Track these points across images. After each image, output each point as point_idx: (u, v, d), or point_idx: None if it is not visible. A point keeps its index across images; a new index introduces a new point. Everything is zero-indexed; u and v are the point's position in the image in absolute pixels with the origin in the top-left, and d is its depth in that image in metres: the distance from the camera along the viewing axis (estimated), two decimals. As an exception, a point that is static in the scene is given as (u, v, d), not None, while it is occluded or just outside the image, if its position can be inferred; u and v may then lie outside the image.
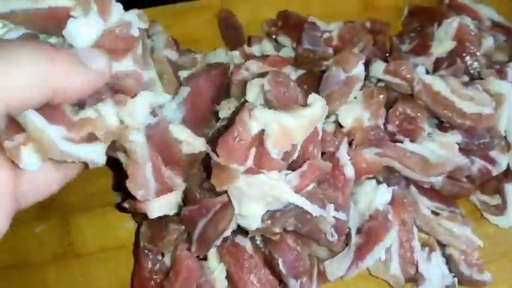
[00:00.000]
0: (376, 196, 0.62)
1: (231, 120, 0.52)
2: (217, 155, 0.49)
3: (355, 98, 0.64)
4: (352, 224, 0.61)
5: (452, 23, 0.70)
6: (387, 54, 0.75)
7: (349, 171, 0.59)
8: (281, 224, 0.53)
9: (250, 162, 0.50)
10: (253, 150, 0.50)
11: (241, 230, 0.56)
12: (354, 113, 0.61)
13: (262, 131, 0.50)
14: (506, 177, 0.67)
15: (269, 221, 0.52)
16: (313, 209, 0.52)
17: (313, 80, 0.63)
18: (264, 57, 0.66)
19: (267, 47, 0.69)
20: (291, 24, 0.73)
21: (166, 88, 0.63)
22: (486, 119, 0.61)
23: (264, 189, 0.50)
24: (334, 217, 0.56)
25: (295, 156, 0.53)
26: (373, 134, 0.61)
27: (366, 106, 0.62)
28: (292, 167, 0.53)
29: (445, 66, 0.70)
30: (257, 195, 0.50)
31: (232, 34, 0.77)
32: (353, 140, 0.62)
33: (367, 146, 0.61)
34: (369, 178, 0.64)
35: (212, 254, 0.59)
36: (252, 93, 0.58)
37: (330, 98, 0.60)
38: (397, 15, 0.81)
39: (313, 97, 0.53)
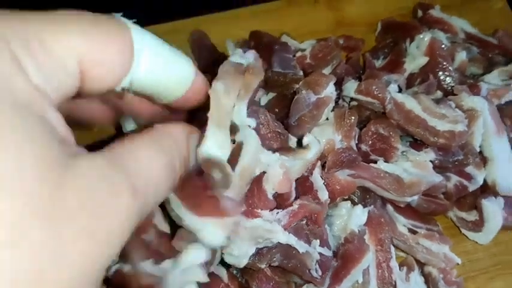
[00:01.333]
0: (351, 218, 0.61)
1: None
2: None
3: (327, 119, 0.63)
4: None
5: (424, 38, 0.70)
6: (361, 71, 0.74)
7: (323, 195, 0.58)
8: (267, 260, 0.54)
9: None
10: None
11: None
12: (326, 135, 0.61)
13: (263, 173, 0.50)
14: (483, 192, 0.66)
15: (256, 258, 0.53)
16: (300, 246, 0.53)
17: (284, 103, 0.63)
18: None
19: (239, 68, 0.68)
20: (263, 45, 0.73)
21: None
22: (459, 137, 0.61)
23: (259, 232, 0.51)
24: (319, 253, 0.56)
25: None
26: (346, 156, 0.60)
27: (337, 128, 0.61)
28: (278, 201, 0.54)
29: (419, 82, 0.69)
30: (250, 237, 0.51)
31: (205, 55, 0.77)
32: (325, 162, 0.61)
33: (340, 168, 0.60)
34: (344, 199, 0.63)
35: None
36: None
37: (301, 122, 0.59)
38: (371, 31, 0.80)
39: (309, 139, 0.55)
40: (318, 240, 0.56)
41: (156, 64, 0.31)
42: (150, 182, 0.29)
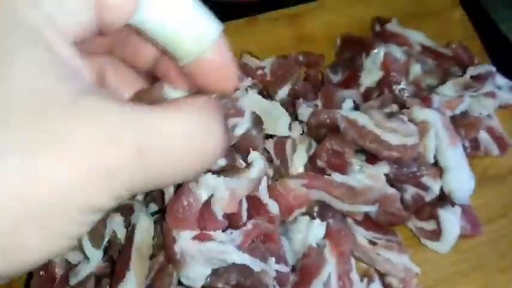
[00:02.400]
0: (309, 232, 0.63)
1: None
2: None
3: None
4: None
5: (379, 53, 0.72)
6: (321, 86, 0.76)
7: (274, 209, 0.60)
8: (224, 280, 0.55)
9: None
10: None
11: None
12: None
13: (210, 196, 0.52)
14: (441, 202, 0.67)
15: (213, 278, 0.55)
16: (255, 264, 0.54)
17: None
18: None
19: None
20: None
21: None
22: (411, 149, 0.63)
23: (213, 254, 0.52)
24: (276, 270, 0.57)
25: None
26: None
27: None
28: (230, 220, 0.56)
29: (375, 97, 0.71)
30: (205, 259, 0.53)
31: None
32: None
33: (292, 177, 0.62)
34: (302, 214, 0.65)
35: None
36: None
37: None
38: (332, 46, 0.82)
39: (253, 157, 0.57)
40: (274, 258, 0.57)
41: (169, 8, 0.29)
42: (167, 153, 0.26)
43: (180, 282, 0.57)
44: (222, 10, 0.84)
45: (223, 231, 0.54)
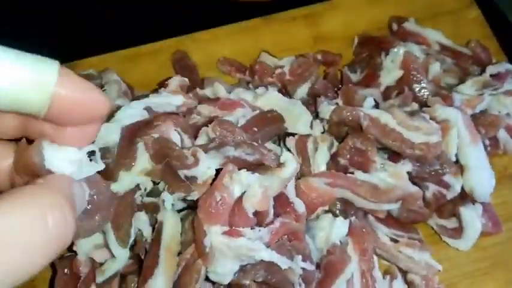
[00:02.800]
0: (332, 229, 0.63)
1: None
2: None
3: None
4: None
5: (398, 52, 0.72)
6: (340, 85, 0.76)
7: (300, 207, 0.60)
8: (251, 276, 0.55)
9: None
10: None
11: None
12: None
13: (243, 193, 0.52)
14: (462, 200, 0.68)
15: (240, 274, 0.55)
16: (283, 262, 0.54)
17: (263, 123, 0.64)
18: (215, 100, 0.67)
19: (219, 89, 0.70)
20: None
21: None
22: (434, 148, 0.63)
23: (242, 251, 0.52)
24: (302, 268, 0.58)
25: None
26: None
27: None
28: (257, 218, 0.56)
29: (395, 95, 0.71)
30: (234, 255, 0.53)
31: (186, 75, 0.78)
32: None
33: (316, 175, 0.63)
34: (325, 212, 0.65)
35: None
36: (201, 140, 0.60)
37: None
38: (349, 45, 0.82)
39: (286, 157, 0.58)
40: (301, 256, 0.57)
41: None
42: (6, 251, 0.25)
43: (207, 279, 0.57)
44: (239, 9, 0.85)
45: (251, 228, 0.54)
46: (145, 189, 0.61)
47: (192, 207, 0.58)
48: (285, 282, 0.57)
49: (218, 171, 0.55)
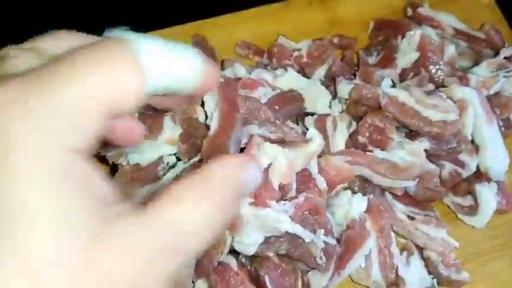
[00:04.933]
0: (352, 206, 0.64)
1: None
2: None
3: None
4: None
5: (414, 35, 0.73)
6: (356, 68, 0.77)
7: (321, 183, 0.62)
8: (275, 248, 0.57)
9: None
10: None
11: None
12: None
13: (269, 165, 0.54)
14: (477, 178, 0.69)
15: (264, 246, 0.57)
16: (306, 235, 0.56)
17: (284, 100, 0.66)
18: (236, 80, 0.69)
19: (239, 69, 0.71)
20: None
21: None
22: (451, 125, 0.64)
23: (268, 221, 0.54)
24: (324, 241, 0.59)
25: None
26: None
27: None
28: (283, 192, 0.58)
29: (411, 77, 0.73)
30: (260, 225, 0.54)
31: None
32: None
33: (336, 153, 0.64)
34: (344, 189, 0.67)
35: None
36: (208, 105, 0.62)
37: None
38: (364, 29, 0.84)
39: (312, 133, 0.60)
40: (323, 230, 0.59)
41: (165, 68, 0.30)
42: (192, 239, 0.26)
43: (231, 251, 0.59)
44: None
45: (276, 202, 0.56)
46: (167, 164, 0.63)
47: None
48: (307, 255, 0.59)
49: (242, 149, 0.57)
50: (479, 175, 0.69)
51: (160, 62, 0.29)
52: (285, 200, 0.58)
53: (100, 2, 0.93)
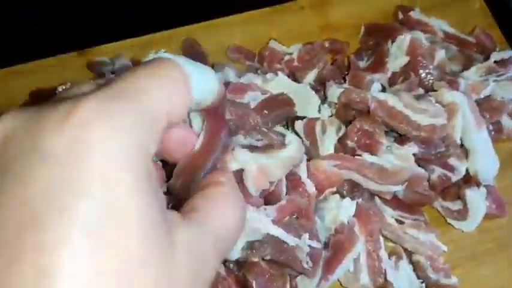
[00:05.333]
0: (340, 210, 0.64)
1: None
2: None
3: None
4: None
5: (404, 39, 0.74)
6: (346, 72, 0.77)
7: (310, 187, 0.62)
8: (259, 253, 0.57)
9: None
10: None
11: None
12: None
13: (242, 170, 0.54)
14: (466, 183, 0.69)
15: (248, 251, 0.56)
16: (290, 239, 0.56)
17: (274, 104, 0.66)
18: (226, 84, 0.69)
19: (229, 73, 0.72)
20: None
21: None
22: (440, 130, 0.64)
23: (249, 223, 0.54)
24: (309, 246, 0.59)
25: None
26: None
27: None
28: (269, 198, 0.58)
29: (401, 81, 0.73)
30: None
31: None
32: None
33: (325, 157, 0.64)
34: (333, 193, 0.67)
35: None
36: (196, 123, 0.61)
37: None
38: (355, 34, 0.84)
39: (289, 138, 0.58)
40: (307, 234, 0.59)
41: (201, 86, 0.34)
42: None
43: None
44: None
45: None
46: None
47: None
48: (292, 260, 0.58)
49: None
50: (469, 179, 0.69)
51: (199, 82, 0.33)
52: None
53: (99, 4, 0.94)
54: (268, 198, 0.59)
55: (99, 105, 0.25)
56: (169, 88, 0.29)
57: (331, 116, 0.71)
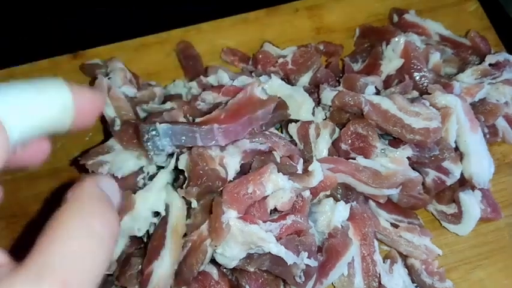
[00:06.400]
0: (334, 214, 0.64)
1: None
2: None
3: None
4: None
5: (399, 42, 0.73)
6: (341, 75, 0.77)
7: (305, 193, 0.61)
8: (257, 264, 0.57)
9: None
10: None
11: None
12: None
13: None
14: (461, 186, 0.69)
15: (247, 261, 0.57)
16: (289, 258, 0.56)
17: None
18: (219, 87, 0.68)
19: (223, 76, 0.71)
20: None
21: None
22: (434, 133, 0.64)
23: (253, 238, 0.54)
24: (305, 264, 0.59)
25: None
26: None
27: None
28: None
29: (395, 83, 0.72)
30: (243, 241, 0.54)
31: (191, 65, 0.80)
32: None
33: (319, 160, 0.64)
34: (327, 196, 0.66)
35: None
36: None
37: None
38: (350, 36, 0.84)
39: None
40: (307, 253, 0.58)
41: (25, 111, 0.31)
42: (80, 275, 0.27)
43: (212, 261, 0.58)
44: (243, 1, 0.87)
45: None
46: (147, 173, 0.63)
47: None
48: (287, 274, 0.58)
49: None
50: (464, 183, 0.69)
51: (19, 107, 0.30)
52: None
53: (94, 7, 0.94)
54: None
55: None
56: None
57: (325, 118, 0.70)
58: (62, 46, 0.83)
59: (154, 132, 0.54)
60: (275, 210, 0.58)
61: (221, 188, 0.56)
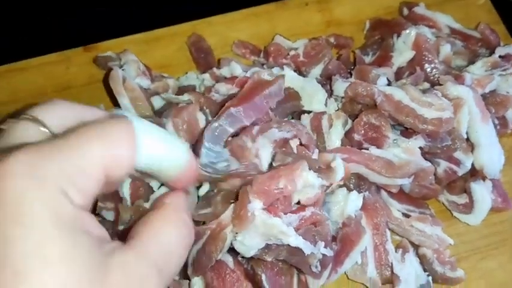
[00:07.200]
0: (347, 203, 0.64)
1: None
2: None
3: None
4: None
5: (410, 34, 0.74)
6: (352, 67, 0.78)
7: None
8: (274, 255, 0.57)
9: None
10: None
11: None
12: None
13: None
14: (472, 176, 0.69)
15: (264, 251, 0.57)
16: (307, 248, 0.56)
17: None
18: (232, 79, 0.69)
19: (236, 68, 0.72)
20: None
21: (141, 114, 0.67)
22: (446, 123, 0.65)
23: (273, 231, 0.54)
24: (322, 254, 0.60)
25: None
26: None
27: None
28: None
29: (406, 75, 0.73)
30: (264, 232, 0.55)
31: (202, 57, 0.80)
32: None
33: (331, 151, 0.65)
34: (340, 186, 0.67)
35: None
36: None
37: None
38: (360, 29, 0.84)
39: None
40: (323, 242, 0.59)
41: (153, 149, 0.36)
42: (172, 257, 0.33)
43: (228, 250, 0.59)
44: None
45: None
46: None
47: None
48: (303, 263, 0.59)
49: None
50: (475, 173, 0.69)
51: (152, 145, 0.35)
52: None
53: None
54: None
55: (29, 165, 0.28)
56: (106, 147, 0.31)
57: (337, 109, 0.71)
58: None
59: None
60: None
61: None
